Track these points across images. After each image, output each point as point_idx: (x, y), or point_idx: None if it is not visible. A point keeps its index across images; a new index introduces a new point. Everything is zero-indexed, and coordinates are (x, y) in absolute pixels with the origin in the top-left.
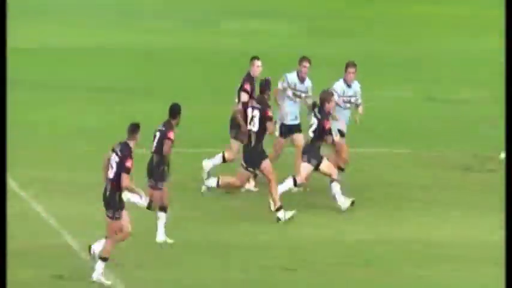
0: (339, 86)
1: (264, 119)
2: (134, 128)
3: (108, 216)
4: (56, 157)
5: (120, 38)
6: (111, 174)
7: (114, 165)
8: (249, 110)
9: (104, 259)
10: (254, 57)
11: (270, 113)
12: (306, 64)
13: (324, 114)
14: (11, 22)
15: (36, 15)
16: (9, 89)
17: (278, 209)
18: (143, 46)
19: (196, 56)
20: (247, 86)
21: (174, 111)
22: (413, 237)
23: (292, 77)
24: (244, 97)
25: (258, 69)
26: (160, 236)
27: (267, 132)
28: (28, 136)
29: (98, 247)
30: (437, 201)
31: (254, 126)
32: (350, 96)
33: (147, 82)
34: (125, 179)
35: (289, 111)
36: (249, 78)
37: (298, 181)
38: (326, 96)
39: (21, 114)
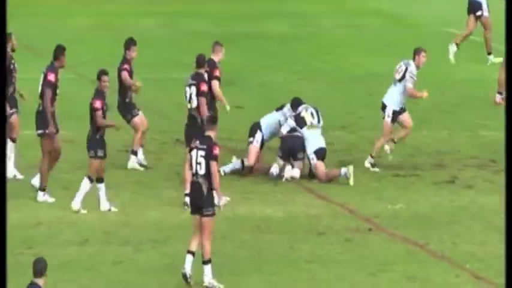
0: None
1: (198, 94)
2: (213, 119)
3: (206, 215)
4: None
5: None
6: (201, 170)
7: (202, 161)
8: (186, 89)
9: (209, 261)
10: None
11: (203, 88)
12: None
13: None
14: None
15: None
16: None
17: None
18: None
19: None
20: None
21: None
22: None
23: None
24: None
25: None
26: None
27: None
28: None
29: (188, 267)
30: None
31: (192, 104)
32: None
33: None
34: (214, 166)
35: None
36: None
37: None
38: None
39: None
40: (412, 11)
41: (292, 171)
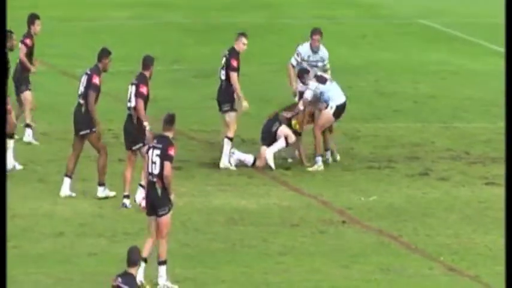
0: (303, 50)
1: (136, 95)
2: (171, 119)
3: (160, 214)
4: None
5: None
6: (156, 170)
7: (157, 160)
8: (129, 87)
9: (165, 262)
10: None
11: (142, 90)
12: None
13: None
14: None
15: None
16: None
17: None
18: None
19: None
20: None
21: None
22: None
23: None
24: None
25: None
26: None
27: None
28: None
29: (139, 276)
30: None
31: (131, 103)
32: (316, 61)
33: None
34: (168, 167)
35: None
36: None
37: None
38: None
39: None
40: (387, 1)
41: (276, 144)
